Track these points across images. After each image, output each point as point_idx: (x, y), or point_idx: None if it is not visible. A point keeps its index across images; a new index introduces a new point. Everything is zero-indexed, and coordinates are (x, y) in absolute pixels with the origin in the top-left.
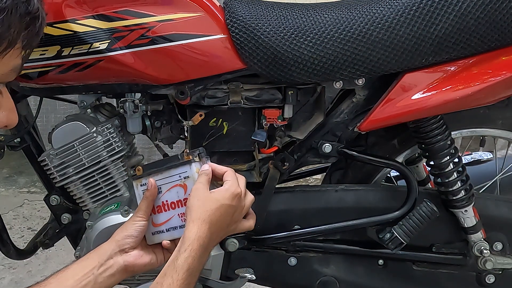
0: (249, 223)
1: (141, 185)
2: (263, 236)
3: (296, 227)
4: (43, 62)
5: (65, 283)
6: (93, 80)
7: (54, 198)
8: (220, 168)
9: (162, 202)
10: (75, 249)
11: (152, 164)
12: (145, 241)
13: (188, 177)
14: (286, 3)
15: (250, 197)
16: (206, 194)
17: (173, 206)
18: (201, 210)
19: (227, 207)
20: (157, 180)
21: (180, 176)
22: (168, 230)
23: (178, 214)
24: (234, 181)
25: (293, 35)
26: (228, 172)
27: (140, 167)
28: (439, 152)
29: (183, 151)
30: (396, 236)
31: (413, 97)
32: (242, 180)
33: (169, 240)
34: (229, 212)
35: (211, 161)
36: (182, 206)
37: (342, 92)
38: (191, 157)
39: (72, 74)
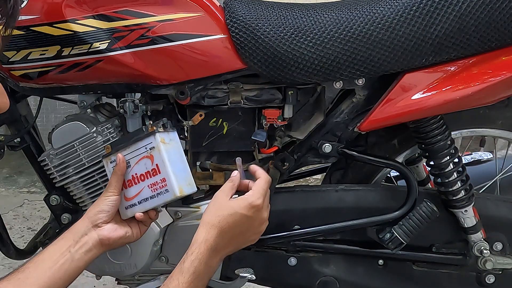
0: None
1: (110, 162)
2: (263, 236)
3: (296, 227)
4: (43, 62)
5: (42, 265)
6: (93, 80)
7: (54, 198)
8: (258, 173)
9: (132, 175)
10: None
11: (119, 140)
12: (119, 216)
13: (153, 147)
14: (286, 3)
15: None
16: (223, 201)
17: (142, 178)
18: (213, 215)
19: (241, 216)
20: (126, 155)
21: (146, 148)
22: (140, 202)
23: (148, 185)
24: (257, 192)
25: (293, 35)
26: (258, 180)
27: (109, 146)
28: (439, 152)
29: (147, 123)
30: (396, 236)
31: (413, 97)
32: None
33: (142, 212)
34: (244, 222)
35: (211, 162)
36: (151, 177)
37: (342, 92)
38: (155, 127)
39: (72, 74)
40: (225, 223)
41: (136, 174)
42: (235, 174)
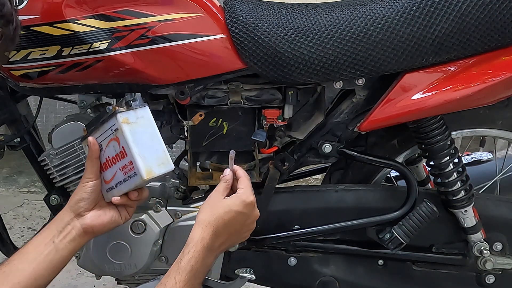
0: None
1: (87, 145)
2: (263, 236)
3: (296, 227)
4: (43, 62)
5: (27, 257)
6: (93, 80)
7: (54, 198)
8: (238, 173)
9: (106, 158)
10: None
11: (92, 121)
12: (103, 200)
13: (117, 129)
14: (286, 3)
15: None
16: (217, 200)
17: (114, 161)
18: (208, 213)
19: (236, 214)
20: (97, 138)
21: (111, 130)
22: (117, 185)
23: (119, 168)
24: (247, 189)
25: (293, 35)
26: (242, 179)
27: (85, 128)
28: (439, 152)
29: (112, 103)
30: (396, 236)
31: (413, 97)
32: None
33: (120, 196)
34: (239, 219)
35: (211, 162)
36: (120, 160)
37: (342, 92)
38: (117, 107)
39: (72, 74)
40: (220, 221)
41: (108, 157)
42: (228, 172)
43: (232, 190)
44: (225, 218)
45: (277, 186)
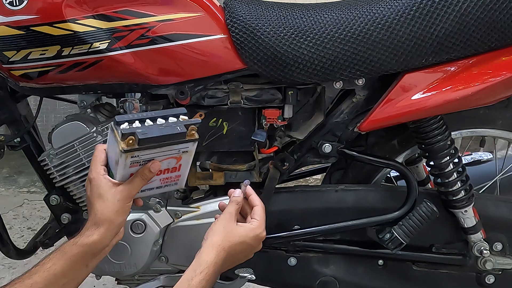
0: None
1: (132, 157)
2: None
3: (296, 227)
4: (43, 62)
5: (55, 283)
6: (93, 80)
7: (54, 198)
8: (253, 199)
9: None
10: None
11: (149, 137)
12: None
13: (187, 151)
14: (286, 3)
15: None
16: (233, 226)
17: (158, 173)
18: (224, 239)
19: (247, 245)
20: (154, 153)
21: (179, 151)
22: (143, 190)
23: (160, 179)
24: (262, 223)
25: (293, 35)
26: (257, 208)
27: (133, 138)
28: (439, 152)
29: (188, 126)
30: (396, 236)
31: (413, 97)
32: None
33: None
34: (247, 250)
35: (211, 162)
36: (169, 173)
37: (342, 92)
38: (196, 135)
39: (72, 74)
40: (233, 249)
41: None
42: (238, 194)
43: (241, 214)
44: (237, 248)
45: (277, 186)
